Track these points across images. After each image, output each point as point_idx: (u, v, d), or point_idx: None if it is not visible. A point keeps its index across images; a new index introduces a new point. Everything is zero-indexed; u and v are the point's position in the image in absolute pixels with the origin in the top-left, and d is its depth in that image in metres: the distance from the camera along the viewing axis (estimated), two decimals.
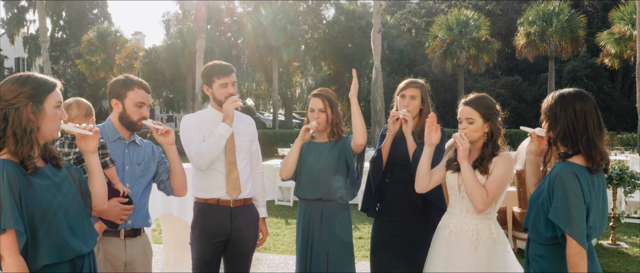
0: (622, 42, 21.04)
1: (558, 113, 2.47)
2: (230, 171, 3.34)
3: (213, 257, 3.34)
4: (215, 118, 3.39)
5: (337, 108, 3.56)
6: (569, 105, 2.46)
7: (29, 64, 37.05)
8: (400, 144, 3.55)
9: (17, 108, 2.08)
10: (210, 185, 3.35)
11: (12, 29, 34.16)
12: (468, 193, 2.83)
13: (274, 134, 23.68)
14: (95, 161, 2.41)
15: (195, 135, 3.33)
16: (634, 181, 6.36)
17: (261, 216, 3.59)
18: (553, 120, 2.49)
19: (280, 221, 8.39)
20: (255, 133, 3.59)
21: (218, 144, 3.22)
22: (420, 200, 3.47)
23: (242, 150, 3.43)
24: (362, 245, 6.66)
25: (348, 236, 3.51)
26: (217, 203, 3.34)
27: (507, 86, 31.14)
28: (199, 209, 3.39)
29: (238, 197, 3.36)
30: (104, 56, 28.31)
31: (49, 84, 2.19)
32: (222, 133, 3.22)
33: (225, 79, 3.32)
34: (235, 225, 3.35)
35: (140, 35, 43.09)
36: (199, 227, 3.35)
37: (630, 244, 6.82)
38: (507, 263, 2.88)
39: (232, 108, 3.24)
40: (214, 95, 3.36)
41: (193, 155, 3.26)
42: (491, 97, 2.98)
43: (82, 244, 2.23)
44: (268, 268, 5.76)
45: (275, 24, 29.27)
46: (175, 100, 35.98)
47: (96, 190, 2.42)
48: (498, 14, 33.33)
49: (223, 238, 3.34)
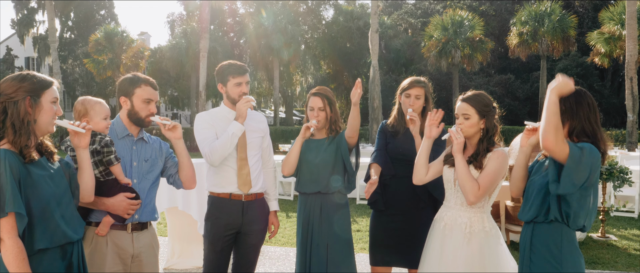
0: (612, 41, 21.10)
1: (575, 107, 2.53)
2: (241, 167, 3.37)
3: (224, 247, 3.38)
4: (228, 115, 3.40)
5: (335, 106, 3.58)
6: (583, 100, 2.55)
7: (38, 64, 36.99)
8: (402, 140, 3.60)
9: (15, 102, 2.18)
10: (222, 180, 3.38)
11: (22, 29, 34.22)
12: (460, 185, 2.84)
13: (275, 131, 23.23)
14: (86, 156, 2.51)
15: (208, 132, 3.35)
16: (623, 176, 6.45)
17: (272, 210, 3.59)
18: (569, 115, 2.53)
19: (281, 215, 8.38)
20: (266, 129, 3.60)
21: (230, 142, 3.25)
22: (426, 194, 3.51)
23: (254, 146, 3.45)
24: (361, 238, 6.73)
25: (347, 232, 3.52)
26: (229, 197, 3.37)
27: (500, 84, 30.83)
28: (212, 202, 3.43)
29: (249, 192, 3.39)
30: (111, 56, 28.31)
31: (46, 82, 2.29)
32: (234, 131, 3.24)
33: (240, 78, 3.36)
34: (246, 219, 3.38)
35: (146, 35, 42.96)
36: (211, 219, 3.40)
37: (619, 236, 6.87)
38: (499, 255, 2.89)
39: (246, 108, 3.25)
40: (228, 93, 3.39)
41: (206, 152, 3.29)
42: (488, 95, 2.98)
43: (72, 231, 2.32)
44: (269, 259, 5.82)
45: (276, 24, 29.19)
46: (179, 98, 35.98)
47: (84, 183, 2.50)
48: (492, 14, 33.10)
49: (234, 230, 3.38)
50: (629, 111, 17.59)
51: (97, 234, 2.75)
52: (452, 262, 2.88)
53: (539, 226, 2.60)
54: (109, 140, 2.75)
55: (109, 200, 2.73)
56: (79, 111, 2.76)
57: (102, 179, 2.74)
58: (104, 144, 2.72)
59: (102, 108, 2.81)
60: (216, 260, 3.38)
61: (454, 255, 2.89)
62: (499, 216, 6.24)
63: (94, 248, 2.75)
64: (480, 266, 2.84)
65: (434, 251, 3.00)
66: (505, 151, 2.93)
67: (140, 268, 2.88)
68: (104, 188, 2.73)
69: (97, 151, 2.71)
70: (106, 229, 2.76)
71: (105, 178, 2.76)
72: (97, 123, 2.76)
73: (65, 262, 2.31)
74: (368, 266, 3.83)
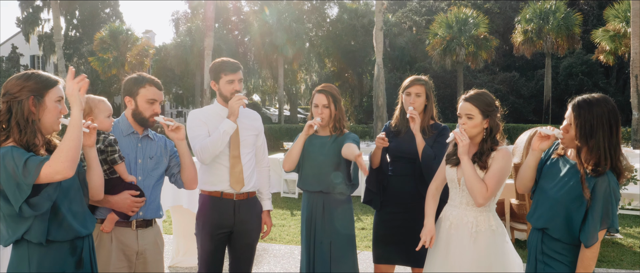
0: (617, 39, 21.03)
1: (595, 127, 2.42)
2: (233, 165, 3.34)
3: (216, 247, 3.35)
4: (221, 113, 3.37)
5: (340, 104, 3.56)
6: (606, 119, 2.42)
7: (43, 62, 37.21)
8: (404, 139, 3.60)
9: (20, 101, 2.21)
10: (214, 178, 3.36)
11: (27, 27, 34.35)
12: (468, 188, 2.81)
13: (279, 128, 23.28)
14: (94, 155, 2.52)
15: (200, 130, 3.34)
16: (628, 173, 6.01)
17: (266, 209, 3.57)
18: (590, 133, 2.44)
19: (286, 213, 8.43)
20: (261, 127, 3.57)
21: (222, 140, 3.22)
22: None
23: (247, 144, 3.43)
24: (365, 236, 6.73)
25: (350, 229, 3.51)
26: (221, 195, 3.34)
27: (505, 82, 30.71)
28: (203, 201, 3.40)
29: (241, 191, 3.35)
30: (115, 54, 28.46)
31: (51, 81, 2.31)
32: (226, 128, 3.22)
33: (232, 76, 3.32)
34: (238, 218, 3.35)
35: (151, 33, 43.04)
36: (202, 219, 3.37)
37: (625, 235, 6.87)
38: (506, 253, 2.89)
39: (238, 106, 3.23)
40: (221, 91, 3.37)
41: (197, 149, 3.27)
42: (491, 94, 2.95)
43: (81, 227, 2.35)
44: (274, 257, 5.84)
45: (281, 22, 29.21)
46: (184, 96, 36.08)
47: (93, 182, 2.52)
48: (496, 12, 32.86)
49: (226, 229, 3.35)
50: (634, 109, 17.56)
51: (101, 231, 2.78)
52: (459, 261, 2.88)
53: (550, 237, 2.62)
54: (113, 139, 2.77)
55: (114, 197, 2.74)
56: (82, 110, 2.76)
57: (106, 177, 2.76)
58: (107, 143, 2.74)
59: (105, 106, 2.83)
60: (209, 259, 3.36)
61: (461, 254, 2.88)
62: (503, 214, 6.24)
63: (99, 244, 2.77)
64: (487, 265, 2.84)
65: (439, 250, 2.99)
66: (510, 149, 2.95)
67: (144, 265, 2.90)
68: (108, 186, 2.75)
69: (101, 150, 2.73)
70: (111, 226, 2.78)
71: (109, 176, 2.79)
72: (101, 121, 2.78)
73: (75, 257, 2.34)
74: (372, 264, 3.85)
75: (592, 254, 2.45)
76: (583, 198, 2.45)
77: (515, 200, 6.25)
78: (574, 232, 2.50)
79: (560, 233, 2.54)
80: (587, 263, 2.45)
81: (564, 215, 2.52)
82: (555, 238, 2.57)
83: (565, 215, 2.51)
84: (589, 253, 2.44)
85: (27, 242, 2.23)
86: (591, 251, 2.45)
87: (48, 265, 2.25)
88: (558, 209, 2.54)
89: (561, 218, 2.53)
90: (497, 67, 33.55)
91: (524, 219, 6.11)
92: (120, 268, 2.80)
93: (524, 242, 6.41)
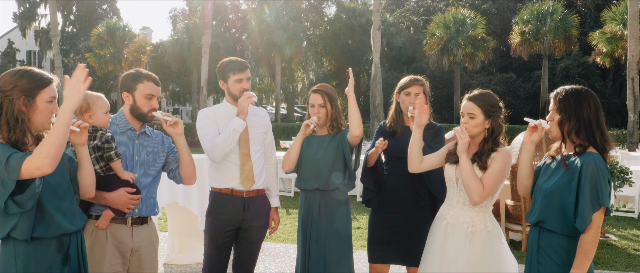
0: (614, 41, 21.26)
1: (574, 107, 2.53)
2: (244, 163, 3.38)
3: (224, 243, 3.39)
4: (230, 112, 3.41)
5: (336, 103, 3.57)
6: (584, 99, 2.54)
7: (40, 57, 37.03)
8: (401, 139, 3.57)
9: (11, 99, 2.18)
10: (224, 175, 3.39)
11: (24, 23, 34.37)
12: (465, 185, 2.81)
13: (276, 127, 23.39)
14: (85, 153, 2.50)
15: (210, 128, 3.37)
16: (623, 176, 6.45)
17: (273, 206, 3.61)
18: (568, 113, 2.54)
19: (282, 212, 8.37)
20: (269, 125, 3.61)
21: (232, 138, 3.25)
22: (425, 192, 3.52)
23: (256, 142, 3.46)
24: (360, 235, 6.72)
25: (347, 229, 3.52)
26: (231, 193, 3.37)
27: (502, 83, 30.89)
28: (213, 198, 3.43)
29: (251, 188, 3.40)
30: (112, 50, 28.59)
31: (45, 80, 2.27)
32: (236, 127, 3.25)
33: (240, 75, 3.37)
34: (247, 215, 3.39)
35: (148, 30, 42.85)
36: (213, 215, 3.40)
37: (619, 236, 6.87)
38: (501, 254, 2.88)
39: (247, 104, 3.26)
40: (229, 90, 3.41)
41: (208, 147, 3.29)
42: (495, 95, 2.94)
43: (69, 223, 2.32)
44: (269, 256, 5.84)
45: (279, 21, 29.30)
46: (181, 93, 36.13)
47: (84, 180, 2.50)
48: (494, 13, 33.13)
49: (235, 226, 3.39)
50: (630, 111, 17.68)
51: (97, 227, 2.78)
52: (454, 261, 2.87)
53: (546, 230, 2.62)
54: (110, 136, 2.76)
55: (110, 194, 2.74)
56: (81, 106, 2.73)
57: (102, 174, 2.75)
58: (104, 140, 2.72)
59: (103, 102, 2.81)
60: (216, 256, 3.40)
61: (456, 254, 2.88)
62: (499, 215, 6.26)
63: (94, 241, 2.77)
64: (482, 265, 2.83)
65: (435, 250, 2.99)
66: (509, 151, 2.92)
67: (139, 262, 2.89)
68: (104, 183, 2.74)
69: (98, 147, 2.71)
70: (106, 222, 2.78)
71: (105, 173, 2.77)
72: (99, 118, 2.77)
73: (61, 253, 2.32)
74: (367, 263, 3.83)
75: (591, 238, 2.42)
76: (573, 183, 2.48)
77: (511, 201, 6.25)
78: (569, 220, 2.49)
79: (555, 224, 2.54)
80: (586, 247, 2.42)
81: (557, 203, 2.53)
82: (551, 229, 2.57)
83: (559, 203, 2.53)
84: (587, 237, 2.42)
85: (13, 239, 2.22)
86: (589, 234, 2.42)
87: (34, 261, 2.24)
88: (550, 199, 2.56)
89: (555, 207, 2.54)
90: (494, 68, 33.72)
91: (519, 220, 6.15)
92: (114, 265, 2.79)
93: (518, 242, 6.45)
